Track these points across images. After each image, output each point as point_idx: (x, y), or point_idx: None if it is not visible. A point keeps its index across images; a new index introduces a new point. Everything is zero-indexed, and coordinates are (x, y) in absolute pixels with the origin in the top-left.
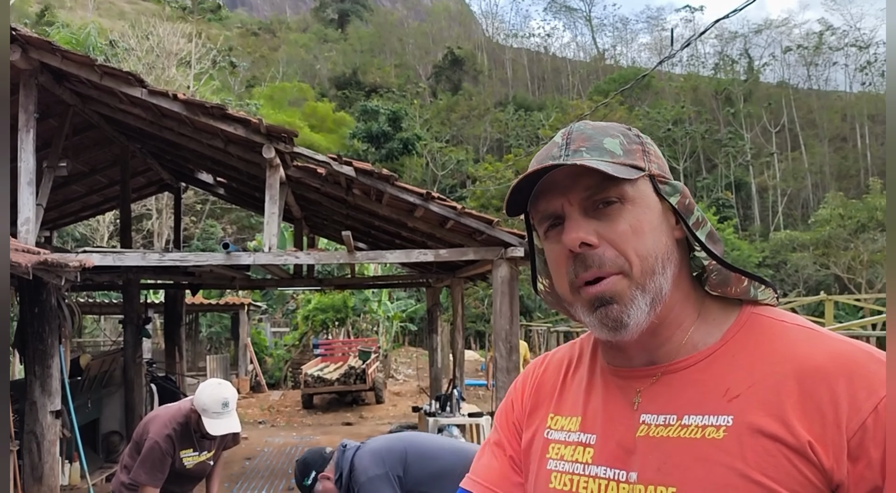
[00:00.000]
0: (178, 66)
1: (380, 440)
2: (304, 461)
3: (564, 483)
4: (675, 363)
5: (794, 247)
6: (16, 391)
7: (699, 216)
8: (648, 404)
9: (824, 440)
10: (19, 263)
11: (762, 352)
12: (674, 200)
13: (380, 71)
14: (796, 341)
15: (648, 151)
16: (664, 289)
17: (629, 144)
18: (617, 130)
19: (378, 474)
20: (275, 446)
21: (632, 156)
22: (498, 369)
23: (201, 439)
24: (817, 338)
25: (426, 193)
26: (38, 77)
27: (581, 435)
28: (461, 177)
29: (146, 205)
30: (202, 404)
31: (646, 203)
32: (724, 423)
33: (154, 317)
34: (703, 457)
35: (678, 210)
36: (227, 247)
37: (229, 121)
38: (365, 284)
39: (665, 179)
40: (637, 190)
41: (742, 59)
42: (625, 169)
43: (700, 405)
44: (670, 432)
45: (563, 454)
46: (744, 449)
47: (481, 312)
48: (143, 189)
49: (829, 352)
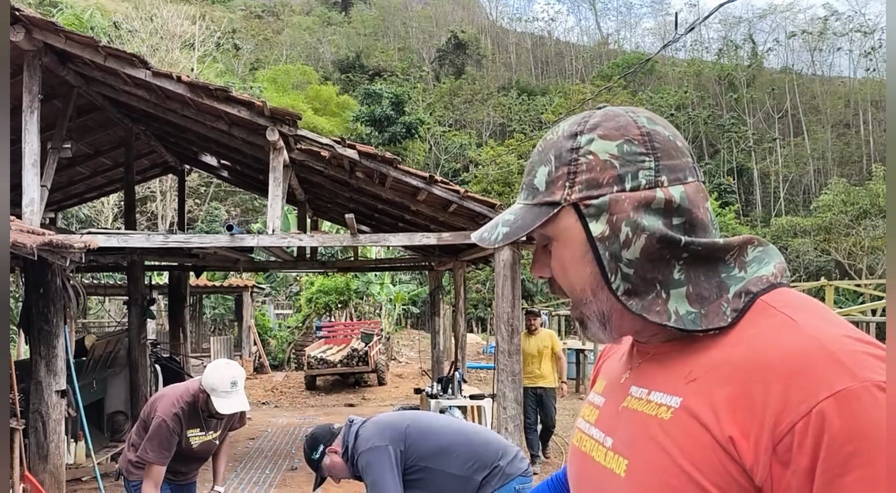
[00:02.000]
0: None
1: (384, 416)
2: (313, 436)
3: (577, 440)
4: (664, 344)
5: (795, 233)
6: (21, 371)
7: (628, 233)
8: (637, 378)
9: (748, 437)
10: (24, 243)
11: (731, 338)
12: (598, 224)
13: (383, 54)
14: (763, 330)
15: (577, 171)
16: (605, 310)
17: (557, 168)
18: (554, 150)
19: (378, 445)
20: (278, 426)
21: (552, 188)
22: (500, 351)
23: (208, 418)
24: (787, 330)
25: (429, 177)
26: (42, 58)
27: (598, 398)
28: (464, 161)
29: (150, 187)
30: (211, 383)
31: (567, 236)
32: (673, 404)
33: (158, 298)
34: (652, 436)
35: (595, 241)
36: (231, 229)
37: (233, 103)
38: (368, 267)
39: (589, 199)
40: (558, 226)
41: (746, 44)
42: (532, 213)
43: (665, 383)
44: (639, 406)
45: (584, 414)
46: (680, 434)
47: (483, 296)
48: (147, 171)
49: (783, 348)
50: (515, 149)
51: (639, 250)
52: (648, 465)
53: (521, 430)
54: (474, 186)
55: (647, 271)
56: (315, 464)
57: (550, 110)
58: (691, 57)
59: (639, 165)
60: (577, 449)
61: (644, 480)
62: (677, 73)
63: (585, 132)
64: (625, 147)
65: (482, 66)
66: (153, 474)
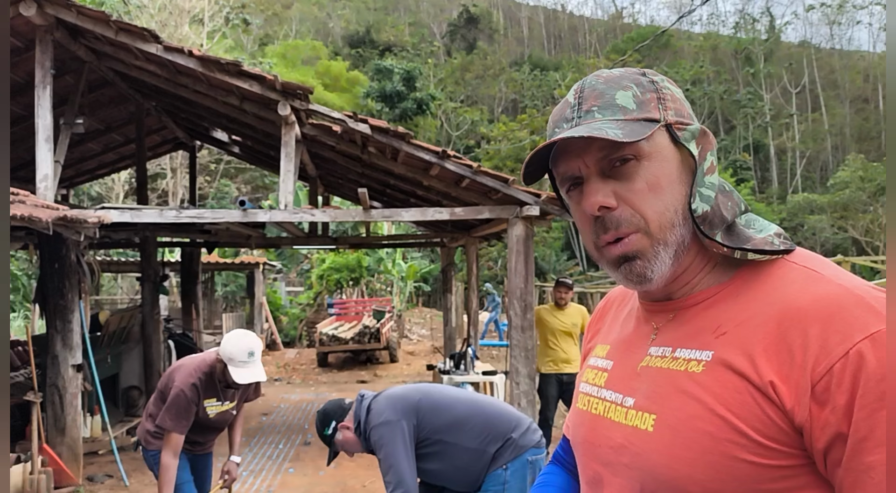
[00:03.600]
0: (191, 24)
1: (396, 389)
2: (325, 412)
3: (584, 404)
4: (686, 300)
5: (811, 209)
6: (38, 346)
7: (712, 161)
8: (659, 338)
9: (789, 381)
10: (40, 218)
11: (759, 293)
12: (692, 146)
13: (394, 29)
14: (792, 282)
15: (664, 98)
16: (686, 239)
17: (643, 93)
18: (630, 80)
19: (390, 419)
20: (291, 402)
21: (645, 107)
22: (512, 327)
23: (225, 388)
24: (814, 281)
25: (442, 151)
26: (54, 33)
27: (604, 362)
28: (476, 137)
29: (160, 164)
30: (228, 353)
31: (663, 155)
32: (704, 358)
33: (170, 275)
34: (682, 389)
35: (695, 161)
36: (243, 204)
37: (245, 77)
38: (380, 243)
39: (683, 124)
40: (653, 144)
41: (763, 17)
42: (638, 126)
43: (692, 340)
44: (663, 363)
45: (588, 378)
46: (715, 384)
47: (494, 273)
48: (159, 147)
49: (816, 295)
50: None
51: (717, 180)
52: (680, 414)
53: (533, 405)
54: (486, 162)
55: (720, 204)
56: (328, 439)
57: (564, 85)
58: (707, 30)
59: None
60: (586, 413)
61: (677, 429)
62: (693, 48)
63: (651, 74)
64: (683, 96)
65: (494, 40)
66: (172, 442)
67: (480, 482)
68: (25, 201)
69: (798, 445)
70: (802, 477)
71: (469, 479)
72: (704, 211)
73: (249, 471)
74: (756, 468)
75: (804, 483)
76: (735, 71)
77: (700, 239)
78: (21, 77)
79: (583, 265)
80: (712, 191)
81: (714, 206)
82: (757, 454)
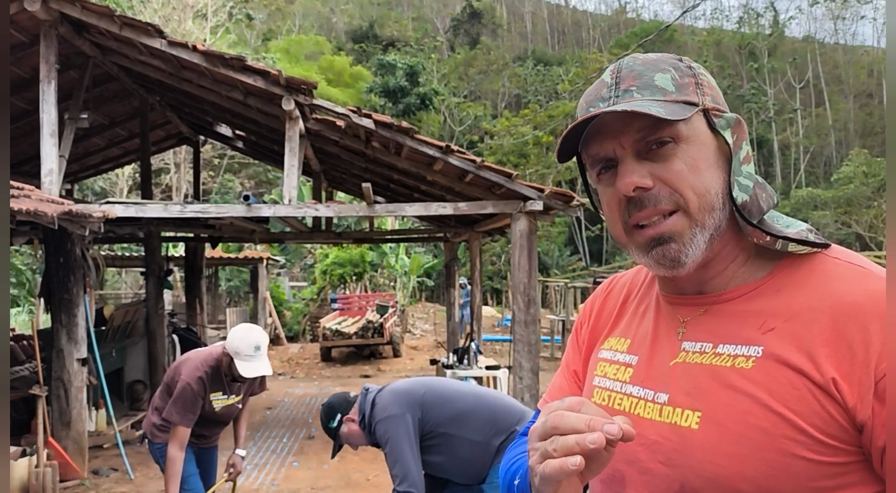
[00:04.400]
0: (195, 19)
1: (400, 383)
2: (330, 405)
3: (603, 399)
4: (722, 295)
5: (815, 205)
6: (43, 340)
7: (748, 151)
8: (691, 333)
9: (850, 378)
10: (45, 212)
11: (804, 288)
12: (727, 133)
13: (397, 24)
14: (840, 277)
15: (702, 83)
16: (722, 224)
17: (681, 77)
18: (668, 64)
19: (395, 414)
20: (295, 396)
21: (684, 91)
22: (516, 322)
23: (231, 382)
24: (863, 276)
25: (445, 146)
26: (59, 28)
27: (626, 356)
28: (479, 132)
29: (164, 159)
30: (235, 347)
31: (700, 140)
32: (754, 353)
33: (174, 270)
34: (730, 385)
35: (731, 148)
36: (247, 199)
37: (249, 72)
38: (383, 238)
39: (719, 111)
40: (691, 127)
41: (767, 12)
42: (678, 107)
43: (736, 336)
44: (704, 359)
45: (607, 372)
46: (769, 380)
47: (498, 268)
48: (163, 142)
49: (869, 291)
50: (531, 120)
51: (753, 170)
52: (729, 411)
53: (536, 399)
54: (489, 157)
55: (758, 193)
56: (332, 432)
57: (567, 80)
58: (711, 26)
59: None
60: (608, 408)
61: (726, 425)
62: (696, 43)
63: (687, 61)
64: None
65: (497, 35)
66: (178, 435)
67: (485, 474)
68: (31, 196)
69: (856, 442)
70: (855, 474)
71: (473, 472)
72: (744, 200)
73: (254, 465)
74: (812, 465)
75: (857, 480)
76: (739, 66)
77: (741, 227)
78: (26, 72)
79: (586, 260)
80: (750, 181)
81: (753, 195)
82: (815, 451)
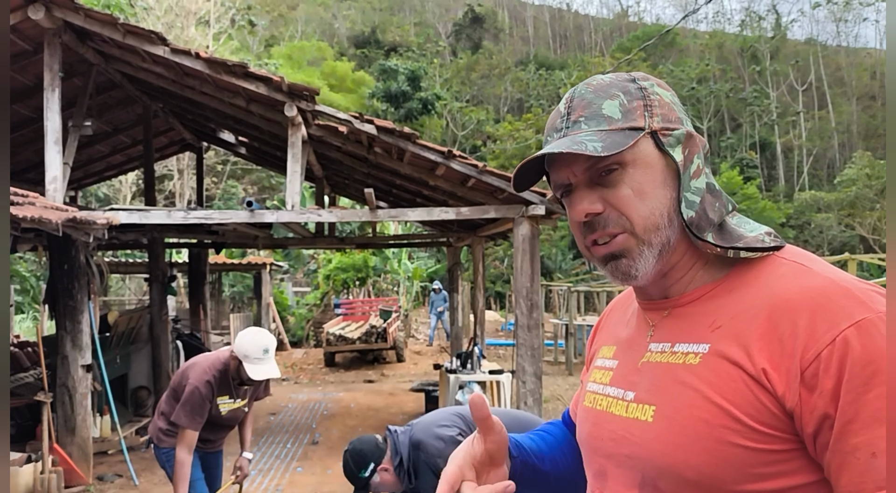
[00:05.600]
0: (197, 26)
1: (430, 415)
2: (361, 453)
3: (591, 401)
4: (682, 298)
5: (818, 207)
6: (48, 347)
7: (699, 165)
8: (657, 334)
9: (780, 368)
10: (50, 219)
11: (752, 287)
12: (677, 152)
13: (399, 29)
14: (781, 276)
15: (651, 104)
16: (672, 239)
17: (630, 101)
18: (618, 88)
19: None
20: (299, 402)
21: (631, 116)
22: (519, 326)
23: (238, 386)
24: (801, 273)
25: (448, 151)
26: (62, 36)
27: (610, 362)
28: (481, 137)
29: (167, 165)
30: (244, 350)
31: (647, 163)
32: (701, 350)
33: (178, 276)
34: (680, 380)
35: (679, 166)
36: (250, 205)
37: (251, 79)
38: (386, 243)
39: (668, 130)
40: (637, 152)
41: (769, 15)
42: (621, 136)
43: (690, 335)
44: (663, 358)
45: (595, 378)
46: (711, 374)
47: (500, 272)
48: (166, 149)
49: (804, 287)
50: (533, 124)
51: (703, 184)
52: (678, 404)
53: (540, 404)
54: (492, 161)
55: (707, 207)
56: (362, 483)
57: (569, 84)
58: (713, 29)
59: (685, 116)
60: (591, 409)
61: (675, 418)
62: (699, 46)
63: (641, 80)
64: (675, 98)
65: (499, 40)
66: (186, 438)
67: None
68: (35, 203)
69: (790, 430)
70: (794, 461)
71: None
72: (690, 216)
73: (258, 470)
74: (749, 452)
75: (796, 467)
76: (741, 69)
77: (692, 240)
78: (30, 80)
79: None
80: (698, 195)
81: (700, 210)
82: (751, 439)
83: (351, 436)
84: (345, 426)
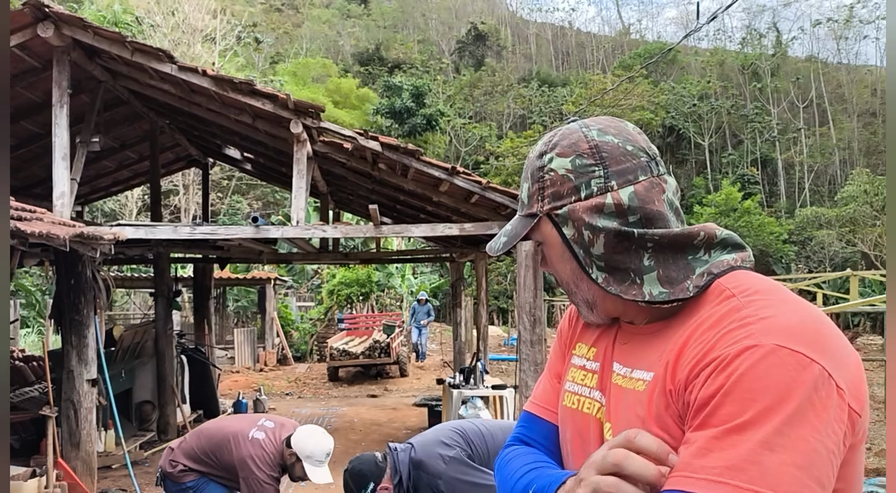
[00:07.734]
0: (204, 43)
1: (431, 431)
2: (361, 473)
3: (573, 402)
4: (643, 328)
5: (820, 224)
6: (53, 361)
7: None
8: (620, 356)
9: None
10: (57, 235)
11: (692, 314)
12: (568, 229)
13: (403, 47)
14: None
15: (545, 187)
16: (589, 298)
17: (532, 186)
18: (532, 169)
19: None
20: (302, 416)
21: (531, 201)
22: (522, 341)
23: (281, 473)
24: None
25: (451, 168)
26: (71, 53)
27: (593, 363)
28: (484, 153)
29: (173, 181)
30: (309, 450)
31: (549, 242)
32: (648, 377)
33: (183, 291)
34: (629, 403)
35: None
36: (255, 221)
37: (257, 96)
38: (390, 258)
39: (556, 210)
40: (541, 232)
41: (770, 32)
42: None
43: (645, 362)
44: (623, 382)
45: (575, 377)
46: (649, 397)
47: (503, 288)
48: (172, 165)
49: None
50: (535, 140)
51: (602, 247)
52: (622, 425)
53: None
54: (494, 177)
55: (619, 262)
56: None
57: (571, 101)
58: (714, 46)
59: (590, 176)
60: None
61: None
62: (700, 63)
63: (548, 151)
64: (577, 161)
65: (502, 57)
66: None
67: None
68: (43, 219)
69: None
70: None
71: None
72: (603, 278)
73: None
74: None
75: None
76: (742, 86)
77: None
78: (38, 96)
79: None
80: (601, 260)
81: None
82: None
83: (354, 451)
84: (348, 441)
